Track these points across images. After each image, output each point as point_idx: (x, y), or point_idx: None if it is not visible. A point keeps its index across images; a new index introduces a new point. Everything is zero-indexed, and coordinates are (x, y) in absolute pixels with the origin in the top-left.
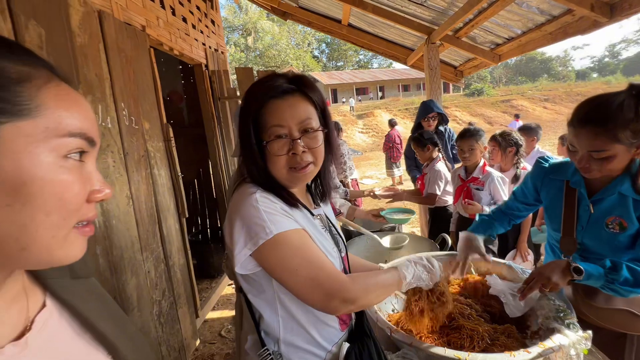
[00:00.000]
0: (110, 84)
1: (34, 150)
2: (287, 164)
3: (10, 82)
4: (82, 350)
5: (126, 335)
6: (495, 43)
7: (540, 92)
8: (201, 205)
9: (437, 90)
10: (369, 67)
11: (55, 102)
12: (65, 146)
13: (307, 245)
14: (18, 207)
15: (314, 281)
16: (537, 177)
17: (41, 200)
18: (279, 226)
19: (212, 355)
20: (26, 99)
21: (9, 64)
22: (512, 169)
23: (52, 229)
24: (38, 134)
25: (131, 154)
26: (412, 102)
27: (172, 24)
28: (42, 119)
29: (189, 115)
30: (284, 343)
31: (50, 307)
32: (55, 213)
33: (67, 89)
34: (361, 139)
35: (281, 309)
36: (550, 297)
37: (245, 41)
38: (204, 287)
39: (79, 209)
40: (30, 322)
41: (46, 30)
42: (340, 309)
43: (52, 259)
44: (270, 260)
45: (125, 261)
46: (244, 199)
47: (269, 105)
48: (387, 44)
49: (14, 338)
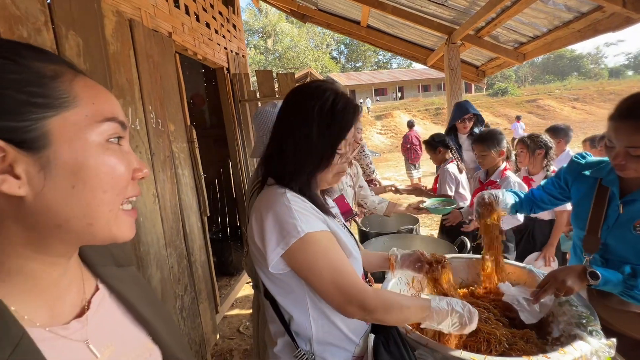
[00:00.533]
0: (139, 88)
1: (83, 136)
2: (337, 169)
3: (48, 79)
4: (128, 330)
5: (162, 319)
6: (519, 42)
7: (569, 91)
8: (221, 204)
9: (458, 91)
10: (388, 67)
11: (87, 92)
12: (105, 130)
13: (334, 249)
14: (81, 186)
15: (337, 285)
16: (571, 172)
17: (97, 179)
18: (309, 226)
19: (230, 350)
20: (64, 92)
21: (42, 64)
22: (542, 172)
23: (109, 204)
24: (81, 121)
25: (157, 155)
26: (432, 102)
27: (196, 29)
28: (81, 108)
29: (210, 117)
30: (317, 342)
31: (102, 291)
32: (110, 190)
33: (90, 80)
34: (379, 140)
35: (312, 307)
36: (572, 302)
37: (265, 44)
38: (224, 285)
39: (127, 185)
40: (87, 302)
41: (83, 39)
42: (356, 314)
43: (110, 234)
44: (298, 258)
45: (151, 256)
46: (275, 199)
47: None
48: (407, 45)
49: (75, 315)
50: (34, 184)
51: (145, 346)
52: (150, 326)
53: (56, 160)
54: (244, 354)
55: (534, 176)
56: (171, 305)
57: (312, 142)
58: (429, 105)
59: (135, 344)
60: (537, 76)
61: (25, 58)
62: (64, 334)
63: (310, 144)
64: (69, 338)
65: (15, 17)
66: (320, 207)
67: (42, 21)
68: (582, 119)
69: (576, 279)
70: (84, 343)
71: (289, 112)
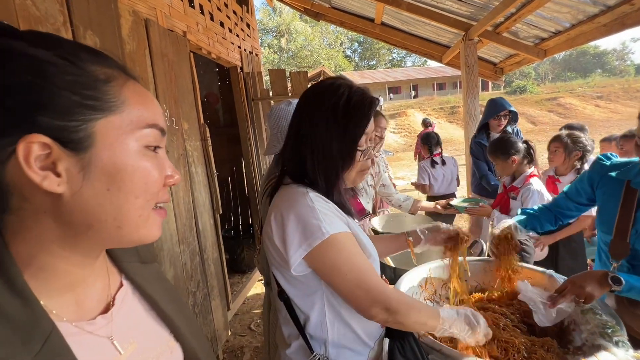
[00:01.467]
0: (154, 87)
1: (124, 141)
2: (360, 167)
3: (101, 82)
4: (151, 326)
5: (184, 316)
6: (540, 37)
7: (592, 89)
8: (234, 202)
9: (475, 89)
10: (402, 65)
11: (134, 97)
12: (145, 137)
13: (357, 250)
14: (115, 191)
15: (361, 287)
16: (595, 174)
17: (131, 184)
18: (333, 227)
19: (241, 347)
20: (113, 96)
21: (97, 67)
22: (571, 174)
23: (139, 210)
24: (125, 126)
25: (172, 153)
26: (447, 100)
27: (211, 28)
28: (127, 114)
29: (224, 116)
30: (332, 344)
31: (126, 287)
32: (142, 196)
33: (139, 86)
34: (393, 139)
35: (329, 310)
36: (596, 311)
37: (278, 43)
38: (235, 282)
39: (158, 192)
40: (112, 298)
41: (100, 39)
42: (380, 315)
43: (138, 236)
44: (322, 260)
45: (164, 252)
46: (297, 199)
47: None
48: (422, 42)
49: (101, 311)
50: (72, 183)
51: (167, 343)
52: (172, 323)
53: (96, 162)
54: (254, 351)
55: (562, 177)
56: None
57: (332, 141)
58: (444, 103)
59: (158, 341)
60: (558, 73)
61: (83, 60)
62: (90, 330)
63: (330, 142)
64: (94, 334)
65: (35, 17)
66: (342, 208)
67: (60, 21)
68: (606, 117)
69: (596, 285)
70: (108, 339)
71: (304, 111)
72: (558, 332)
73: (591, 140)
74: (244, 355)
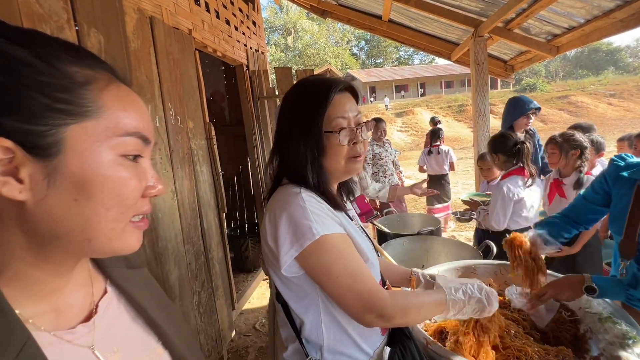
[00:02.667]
0: (159, 85)
1: (97, 149)
2: (347, 154)
3: (77, 85)
4: (137, 334)
5: (173, 322)
6: (553, 34)
7: (604, 86)
8: (240, 201)
9: (484, 87)
10: (410, 63)
11: (115, 103)
12: (123, 145)
13: (350, 252)
14: (83, 201)
15: (353, 291)
16: (610, 174)
17: (102, 195)
18: (325, 228)
19: (246, 347)
20: (90, 101)
21: (77, 69)
22: (574, 174)
23: (111, 222)
24: (100, 133)
25: (176, 152)
26: (455, 99)
27: (216, 26)
28: (104, 120)
29: (230, 115)
30: (327, 350)
31: (111, 294)
32: (114, 208)
33: (125, 90)
34: (400, 138)
35: (325, 314)
36: (615, 320)
37: (285, 41)
38: (241, 281)
39: (134, 204)
40: (95, 305)
41: (105, 36)
42: (374, 323)
43: (112, 249)
44: (313, 262)
45: (169, 252)
46: (289, 199)
47: (336, 98)
48: (430, 39)
49: (82, 320)
50: (36, 191)
51: (154, 351)
52: (160, 330)
53: (63, 170)
54: (259, 351)
55: (566, 178)
56: (188, 301)
57: (295, 131)
58: (452, 102)
59: (144, 349)
60: (569, 71)
61: (62, 61)
62: (69, 339)
63: (295, 134)
64: (74, 343)
65: (39, 15)
66: (336, 206)
67: (64, 19)
68: (619, 116)
69: (571, 293)
70: (89, 348)
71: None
72: (573, 341)
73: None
74: (248, 355)
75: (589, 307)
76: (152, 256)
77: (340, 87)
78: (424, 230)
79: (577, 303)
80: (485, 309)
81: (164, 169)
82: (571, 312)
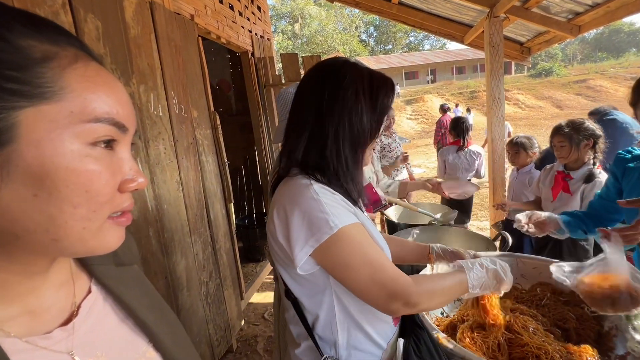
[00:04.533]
0: (161, 73)
1: (58, 137)
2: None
3: (33, 62)
4: (124, 336)
5: (166, 323)
6: (575, 12)
7: (625, 69)
8: (248, 190)
9: (499, 71)
10: (420, 49)
11: (81, 84)
12: (91, 133)
13: (368, 242)
14: (44, 197)
15: (377, 282)
16: (617, 168)
17: (67, 191)
18: (342, 220)
19: (255, 336)
20: (49, 80)
21: (34, 43)
22: (583, 167)
23: (81, 221)
24: (61, 119)
25: (181, 141)
26: (466, 85)
27: (220, 12)
28: (67, 103)
29: (236, 103)
30: (342, 346)
31: (95, 293)
32: (83, 205)
33: (96, 69)
34: (409, 126)
35: (339, 309)
36: None
37: (292, 28)
38: (249, 271)
39: (109, 200)
40: (76, 307)
41: (102, 22)
42: (400, 311)
43: (87, 249)
44: (332, 256)
45: (175, 243)
46: (300, 192)
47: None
48: (442, 22)
49: (61, 323)
50: None
51: (144, 354)
52: (151, 332)
53: (17, 162)
54: (268, 340)
55: (573, 172)
56: (196, 291)
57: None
58: (463, 88)
59: (133, 352)
60: (588, 54)
61: (15, 33)
62: (44, 345)
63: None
64: (50, 349)
65: None
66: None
67: (59, 3)
68: None
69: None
70: (68, 354)
71: (320, 90)
72: (597, 338)
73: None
74: (257, 345)
75: None
76: (158, 247)
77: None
78: (433, 221)
79: None
80: (503, 280)
81: (168, 159)
82: None
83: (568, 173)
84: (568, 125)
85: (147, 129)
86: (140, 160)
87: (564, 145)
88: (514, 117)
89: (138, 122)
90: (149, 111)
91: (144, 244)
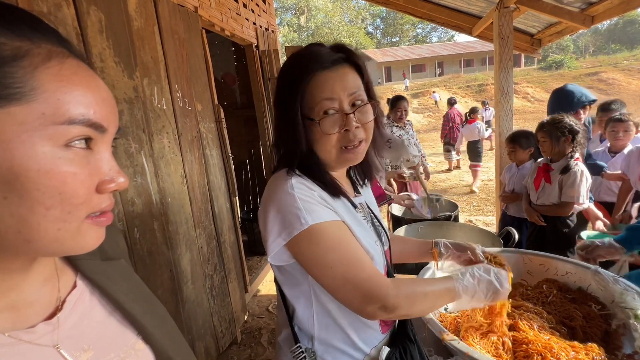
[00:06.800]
0: (165, 66)
1: (28, 140)
2: (339, 142)
3: (2, 61)
4: (112, 329)
5: (155, 315)
6: (588, 2)
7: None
8: (252, 184)
9: (508, 64)
10: (427, 41)
11: (55, 83)
12: (64, 134)
13: (346, 240)
14: (15, 199)
15: (351, 282)
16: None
17: (38, 193)
18: (315, 216)
19: (259, 328)
20: (18, 80)
21: (5, 40)
22: (563, 160)
23: (55, 222)
24: (32, 121)
25: (185, 135)
26: (474, 78)
27: (224, 4)
28: (38, 104)
29: (241, 97)
30: (318, 341)
31: (81, 288)
32: (57, 207)
33: (73, 67)
34: (416, 120)
35: (316, 305)
36: None
37: (298, 21)
38: (254, 264)
39: (86, 201)
40: (61, 302)
41: (105, 15)
42: (377, 314)
43: (63, 249)
44: (304, 253)
45: (180, 236)
46: (279, 186)
47: (317, 78)
48: (450, 13)
49: (46, 317)
50: None
51: (132, 347)
52: (139, 324)
53: None
54: (272, 333)
55: (554, 164)
56: (201, 284)
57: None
58: (471, 81)
59: (121, 344)
60: (600, 46)
61: None
62: (27, 339)
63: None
64: (34, 343)
65: None
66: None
67: None
68: None
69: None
70: (53, 348)
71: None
72: (604, 337)
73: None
74: (261, 337)
75: (623, 301)
76: (163, 240)
77: (330, 60)
78: (441, 216)
79: (610, 297)
80: (498, 291)
81: (172, 153)
82: (602, 305)
83: (550, 165)
84: (549, 123)
85: (151, 123)
86: (144, 154)
87: (545, 140)
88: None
89: (142, 115)
90: (153, 104)
91: (148, 237)
